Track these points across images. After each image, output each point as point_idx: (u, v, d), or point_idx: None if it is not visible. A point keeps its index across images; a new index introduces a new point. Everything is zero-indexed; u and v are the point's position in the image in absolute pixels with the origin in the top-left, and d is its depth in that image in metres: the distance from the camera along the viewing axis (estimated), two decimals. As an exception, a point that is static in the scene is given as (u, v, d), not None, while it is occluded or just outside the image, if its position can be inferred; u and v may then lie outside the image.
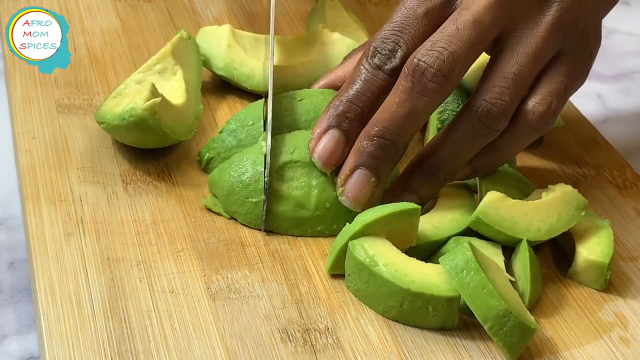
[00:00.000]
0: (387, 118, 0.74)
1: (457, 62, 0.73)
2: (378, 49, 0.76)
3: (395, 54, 0.75)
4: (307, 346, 0.68)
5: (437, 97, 0.74)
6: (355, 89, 0.76)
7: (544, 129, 0.76)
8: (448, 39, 0.73)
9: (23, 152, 0.81)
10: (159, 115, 0.78)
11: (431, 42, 0.74)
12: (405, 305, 0.70)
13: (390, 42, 0.76)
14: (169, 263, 0.73)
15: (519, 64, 0.75)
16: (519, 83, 0.75)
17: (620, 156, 0.90)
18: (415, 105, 0.74)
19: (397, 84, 0.74)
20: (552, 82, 0.76)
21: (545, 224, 0.75)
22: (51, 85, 0.89)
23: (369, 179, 0.75)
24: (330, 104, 0.77)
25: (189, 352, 0.67)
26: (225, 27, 0.91)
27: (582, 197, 0.76)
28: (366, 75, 0.76)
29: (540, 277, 0.75)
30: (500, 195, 0.75)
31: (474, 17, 0.74)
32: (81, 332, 0.67)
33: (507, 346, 0.68)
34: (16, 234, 0.83)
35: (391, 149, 0.75)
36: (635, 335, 0.73)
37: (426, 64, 0.73)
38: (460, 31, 0.73)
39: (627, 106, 1.07)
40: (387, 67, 0.75)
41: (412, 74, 0.73)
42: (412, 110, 0.74)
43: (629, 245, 0.80)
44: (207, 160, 0.82)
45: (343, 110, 0.76)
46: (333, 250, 0.74)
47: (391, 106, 0.74)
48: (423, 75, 0.73)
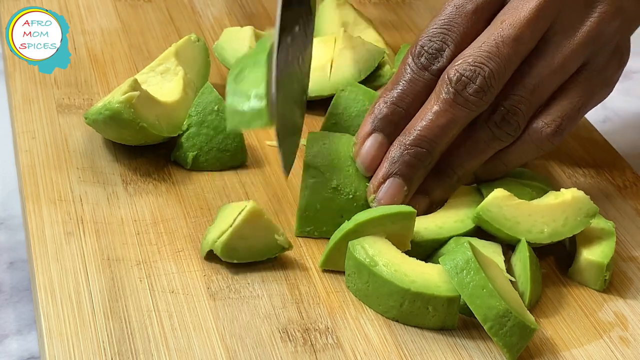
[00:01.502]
0: (426, 127, 0.75)
1: (497, 78, 0.74)
2: (425, 48, 0.76)
3: (442, 53, 0.76)
4: (307, 346, 0.68)
5: (477, 110, 0.75)
6: (400, 90, 0.76)
7: (549, 148, 0.78)
8: (488, 55, 0.74)
9: (23, 152, 0.81)
10: (135, 109, 0.78)
11: (473, 56, 0.74)
12: (405, 305, 0.70)
13: (438, 40, 0.76)
14: (169, 263, 0.73)
15: (540, 76, 0.76)
16: (537, 95, 0.76)
17: (620, 156, 0.90)
18: (457, 116, 0.74)
19: (437, 92, 0.75)
20: (567, 101, 0.77)
21: (549, 227, 0.75)
22: (51, 85, 0.89)
23: (401, 188, 0.76)
24: (375, 105, 0.77)
25: (189, 352, 0.67)
26: (248, 29, 0.91)
27: (594, 205, 0.76)
28: (411, 75, 0.76)
29: (540, 277, 0.75)
30: (505, 194, 0.75)
31: (516, 34, 0.74)
32: (81, 331, 0.67)
33: (507, 346, 0.68)
34: (16, 234, 0.83)
35: (427, 158, 0.75)
36: (635, 335, 0.73)
37: (469, 79, 0.74)
38: (500, 48, 0.74)
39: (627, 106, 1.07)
40: (434, 68, 0.76)
41: (455, 86, 0.74)
42: (452, 120, 0.74)
43: (629, 245, 0.80)
44: (193, 158, 0.82)
45: (386, 114, 0.76)
46: (327, 246, 0.74)
47: (431, 115, 0.75)
48: (465, 89, 0.74)
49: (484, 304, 0.68)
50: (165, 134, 0.81)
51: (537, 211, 0.75)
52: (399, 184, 0.75)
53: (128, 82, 0.80)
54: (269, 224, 0.73)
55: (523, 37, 0.75)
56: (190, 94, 0.85)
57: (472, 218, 0.75)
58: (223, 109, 0.82)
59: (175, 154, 0.82)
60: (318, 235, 0.77)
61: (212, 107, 0.82)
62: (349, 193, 0.76)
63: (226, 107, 0.72)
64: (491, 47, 0.74)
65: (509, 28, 0.75)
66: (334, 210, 0.76)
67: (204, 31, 0.99)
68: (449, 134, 0.75)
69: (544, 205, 0.76)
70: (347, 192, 0.77)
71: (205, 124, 0.82)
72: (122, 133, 0.80)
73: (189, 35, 0.89)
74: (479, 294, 0.68)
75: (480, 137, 0.77)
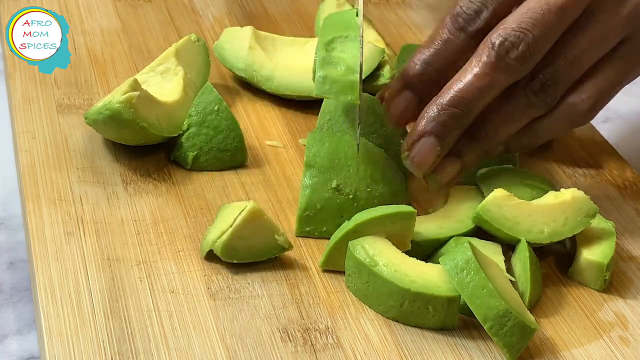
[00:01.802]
0: (465, 88, 0.75)
1: (539, 46, 0.74)
2: (464, 9, 0.76)
3: (480, 14, 0.76)
4: (307, 346, 0.68)
5: (516, 75, 0.75)
6: (434, 49, 0.77)
7: (582, 123, 0.79)
8: (533, 22, 0.74)
9: (23, 152, 0.81)
10: (135, 109, 0.78)
11: (517, 22, 0.74)
12: (405, 305, 0.70)
13: (478, 2, 0.76)
14: (169, 263, 0.73)
15: (581, 48, 0.76)
16: (577, 65, 0.76)
17: (620, 156, 0.90)
18: (496, 80, 0.74)
19: (478, 55, 0.75)
20: (604, 78, 0.77)
21: (549, 227, 0.75)
22: (51, 85, 0.89)
23: (435, 147, 0.75)
24: (408, 64, 0.77)
25: (189, 352, 0.67)
26: (248, 29, 0.91)
27: (594, 205, 0.76)
28: (447, 36, 0.77)
29: (540, 277, 0.75)
30: (505, 194, 0.75)
31: (563, 3, 0.74)
32: (81, 331, 0.67)
33: (507, 346, 0.68)
34: (16, 234, 0.83)
35: (463, 119, 0.75)
36: (635, 335, 0.73)
37: (512, 44, 0.74)
38: (545, 16, 0.74)
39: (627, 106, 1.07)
40: (471, 29, 0.76)
41: (498, 50, 0.74)
42: (491, 83, 0.74)
43: (629, 245, 0.80)
44: (193, 158, 0.82)
45: (418, 72, 0.77)
46: (327, 246, 0.74)
47: (470, 76, 0.74)
48: (508, 54, 0.74)
49: (484, 304, 0.68)
50: (165, 134, 0.81)
51: (537, 211, 0.75)
52: (433, 143, 0.75)
53: (128, 82, 0.80)
54: (269, 224, 0.73)
55: (569, 7, 0.75)
56: (190, 94, 0.85)
57: (472, 218, 0.75)
58: (223, 109, 0.82)
59: (175, 154, 0.82)
60: (318, 235, 0.77)
61: (212, 107, 0.82)
62: (349, 193, 0.76)
63: (316, 73, 0.74)
64: (537, 14, 0.74)
65: None
66: (335, 210, 0.76)
67: (204, 31, 0.99)
68: (487, 97, 0.75)
69: (544, 205, 0.76)
70: (347, 192, 0.77)
71: (206, 124, 0.82)
72: (122, 133, 0.80)
73: (189, 35, 0.89)
74: (479, 294, 0.68)
75: (516, 104, 0.77)
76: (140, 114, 0.79)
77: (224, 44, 0.91)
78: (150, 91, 0.82)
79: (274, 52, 0.92)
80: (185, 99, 0.84)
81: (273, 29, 1.00)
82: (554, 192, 0.77)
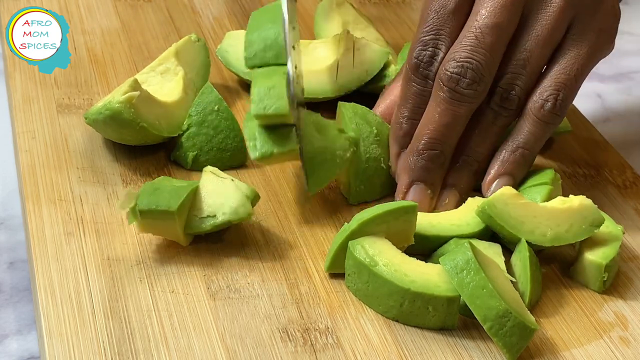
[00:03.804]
0: (433, 129, 0.77)
1: (486, 66, 0.76)
2: (420, 58, 0.78)
3: (437, 57, 0.78)
4: (307, 346, 0.68)
5: (476, 100, 0.77)
6: (411, 104, 0.79)
7: (557, 121, 0.79)
8: (472, 48, 0.76)
9: (23, 152, 0.81)
10: (136, 109, 0.78)
11: (458, 52, 0.76)
12: (405, 305, 0.70)
13: (430, 47, 0.78)
14: (169, 263, 0.73)
15: (527, 50, 0.77)
16: (531, 67, 0.77)
17: (620, 156, 0.90)
18: (458, 111, 0.77)
19: (434, 96, 0.77)
20: (561, 71, 0.78)
21: (552, 231, 0.75)
22: (51, 85, 0.89)
23: (425, 192, 0.79)
24: (394, 124, 0.80)
25: (189, 352, 0.67)
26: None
27: (601, 215, 0.76)
28: (416, 88, 0.79)
29: (540, 277, 0.75)
30: (513, 192, 0.75)
31: (494, 22, 0.76)
32: (81, 331, 0.67)
33: (507, 346, 0.68)
34: (16, 234, 0.84)
35: (440, 158, 0.78)
36: (635, 335, 0.73)
37: (459, 74, 0.76)
38: (481, 39, 0.76)
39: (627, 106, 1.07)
40: (432, 74, 0.78)
41: (447, 84, 0.76)
42: (455, 116, 0.77)
43: (629, 245, 0.80)
44: (193, 158, 0.82)
45: (407, 130, 0.80)
46: (331, 249, 0.74)
47: (433, 117, 0.77)
48: (458, 85, 0.76)
49: (484, 304, 0.68)
50: (165, 134, 0.81)
51: (543, 213, 0.75)
52: (422, 189, 0.79)
53: (128, 82, 0.80)
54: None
55: (502, 22, 0.76)
56: (190, 94, 0.85)
57: (477, 212, 0.75)
58: (223, 109, 0.82)
59: (175, 154, 0.82)
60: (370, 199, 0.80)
61: (212, 107, 0.82)
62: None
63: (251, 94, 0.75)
64: (472, 40, 0.76)
65: (486, 17, 0.76)
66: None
67: (204, 31, 0.99)
68: (456, 129, 0.77)
69: (550, 208, 0.75)
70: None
71: (206, 124, 0.82)
72: (122, 133, 0.80)
73: (189, 35, 0.89)
74: (479, 294, 0.68)
75: (485, 120, 0.79)
76: (140, 114, 0.79)
77: (227, 48, 0.91)
78: (150, 91, 0.82)
79: None
80: (185, 99, 0.84)
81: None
82: (561, 197, 0.77)
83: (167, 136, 0.81)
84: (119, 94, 0.79)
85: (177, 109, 0.83)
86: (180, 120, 0.83)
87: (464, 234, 0.75)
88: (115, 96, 0.79)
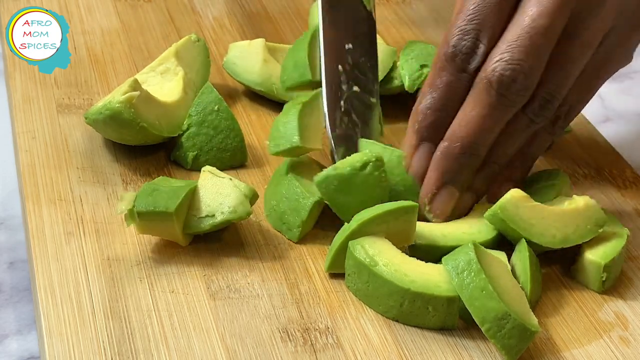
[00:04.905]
0: (473, 132, 0.73)
1: (535, 72, 0.72)
2: (458, 48, 0.73)
3: (477, 50, 0.73)
4: (307, 346, 0.68)
5: (519, 105, 0.73)
6: (439, 95, 0.74)
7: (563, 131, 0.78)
8: (525, 49, 0.71)
9: (23, 152, 0.81)
10: (136, 109, 0.78)
11: (509, 53, 0.72)
12: (405, 305, 0.70)
13: (471, 37, 0.73)
14: (168, 263, 0.73)
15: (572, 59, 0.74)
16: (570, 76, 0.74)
17: (620, 156, 0.90)
18: (502, 116, 0.73)
19: (478, 95, 0.73)
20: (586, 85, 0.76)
21: (560, 232, 0.74)
22: (51, 85, 0.89)
23: (454, 194, 0.75)
24: (417, 114, 0.75)
25: (189, 352, 0.67)
26: (259, 42, 0.90)
27: (603, 214, 0.76)
28: (449, 78, 0.74)
29: (540, 277, 0.75)
30: (522, 194, 0.74)
31: (548, 24, 0.71)
32: (81, 331, 0.67)
33: (505, 348, 0.68)
34: (16, 234, 0.83)
35: (476, 161, 0.75)
36: (635, 335, 0.73)
37: (510, 79, 0.71)
38: (534, 41, 0.71)
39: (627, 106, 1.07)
40: (471, 68, 0.73)
41: (497, 88, 0.72)
42: (498, 120, 0.73)
43: (629, 245, 0.80)
44: (193, 158, 0.82)
45: (431, 121, 0.75)
46: (331, 249, 0.74)
47: (474, 118, 0.73)
48: (508, 90, 0.72)
49: (483, 305, 0.68)
50: (165, 134, 0.81)
51: (551, 215, 0.75)
52: (453, 192, 0.75)
53: (128, 82, 0.80)
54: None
55: (554, 25, 0.72)
56: (190, 94, 0.85)
57: (487, 216, 0.74)
58: (223, 109, 0.82)
59: (175, 154, 0.83)
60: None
61: (212, 107, 0.82)
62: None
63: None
64: (526, 41, 0.71)
65: (540, 18, 0.72)
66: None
67: (204, 31, 0.99)
68: (496, 132, 0.74)
69: (557, 210, 0.75)
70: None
71: (206, 124, 0.82)
72: (122, 133, 0.80)
73: (189, 35, 0.89)
74: (478, 296, 0.68)
75: (519, 125, 0.75)
76: (140, 114, 0.79)
77: (234, 59, 0.91)
78: (150, 91, 0.82)
79: None
80: (185, 99, 0.84)
81: (272, 29, 1.00)
82: (567, 198, 0.77)
83: (167, 136, 0.81)
84: (119, 94, 0.79)
85: (177, 109, 0.83)
86: (180, 120, 0.83)
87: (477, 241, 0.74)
88: (115, 96, 0.79)
